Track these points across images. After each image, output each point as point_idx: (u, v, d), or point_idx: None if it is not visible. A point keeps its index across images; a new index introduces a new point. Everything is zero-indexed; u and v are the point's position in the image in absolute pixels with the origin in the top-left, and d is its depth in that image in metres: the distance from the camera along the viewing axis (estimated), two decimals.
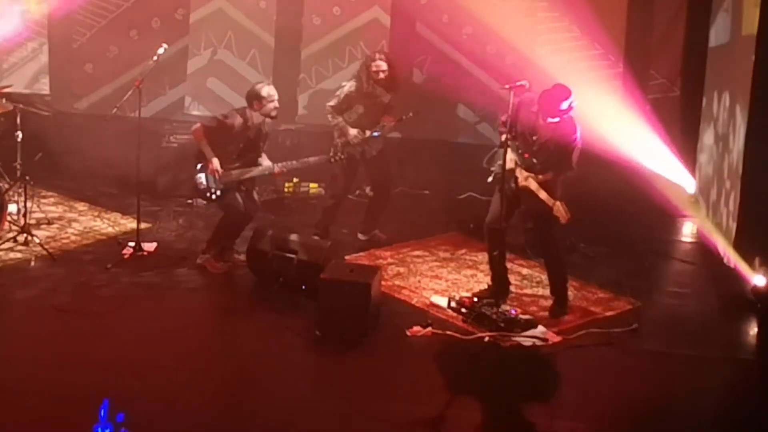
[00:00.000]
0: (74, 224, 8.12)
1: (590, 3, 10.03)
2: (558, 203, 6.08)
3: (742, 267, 7.04)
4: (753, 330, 6.57)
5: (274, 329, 6.05)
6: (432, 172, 9.82)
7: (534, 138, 6.22)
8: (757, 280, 6.72)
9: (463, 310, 6.35)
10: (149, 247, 7.39)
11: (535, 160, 6.22)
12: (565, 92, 6.10)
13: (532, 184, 6.18)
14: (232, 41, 11.18)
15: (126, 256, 7.19)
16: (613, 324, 6.30)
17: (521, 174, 6.24)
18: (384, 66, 7.68)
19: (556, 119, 6.07)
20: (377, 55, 7.77)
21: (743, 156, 7.14)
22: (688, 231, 8.90)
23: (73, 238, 7.75)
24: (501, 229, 6.44)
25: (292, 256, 6.67)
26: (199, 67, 11.29)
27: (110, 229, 8.03)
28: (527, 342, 5.97)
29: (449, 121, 10.78)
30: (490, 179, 6.51)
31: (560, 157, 6.15)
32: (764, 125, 6.96)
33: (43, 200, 8.37)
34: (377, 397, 5.21)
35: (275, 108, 7.11)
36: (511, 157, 6.26)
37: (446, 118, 10.77)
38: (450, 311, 6.43)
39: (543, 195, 6.14)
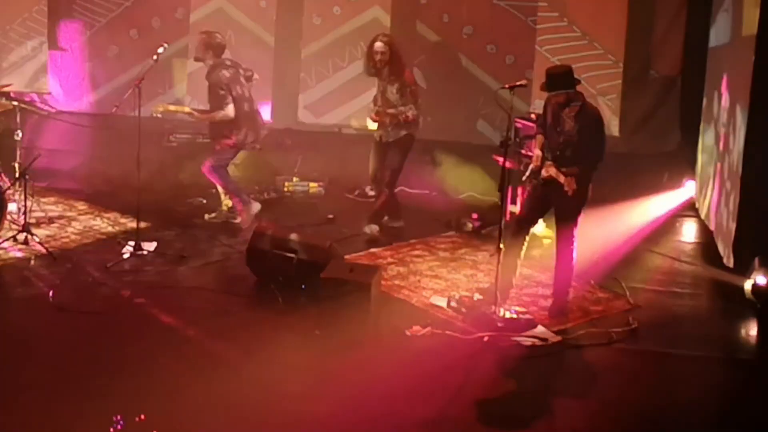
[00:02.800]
0: (74, 223, 8.12)
1: (591, 3, 10.03)
2: (567, 178, 6.15)
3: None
4: (753, 330, 6.55)
5: (274, 329, 6.04)
6: (432, 171, 9.83)
7: (558, 130, 6.27)
8: (757, 279, 6.71)
9: (463, 309, 6.35)
10: (149, 246, 7.39)
11: (560, 152, 6.26)
12: (559, 67, 6.34)
13: (552, 171, 6.22)
14: (231, 41, 11.17)
15: (126, 256, 7.19)
16: (612, 324, 6.29)
17: (546, 166, 6.30)
18: (382, 48, 7.77)
19: (560, 92, 6.17)
20: (379, 37, 7.91)
21: (743, 157, 7.13)
22: (688, 231, 8.91)
23: (72, 237, 7.75)
24: (525, 228, 6.51)
25: (292, 255, 6.66)
26: (200, 67, 11.27)
27: (110, 229, 8.03)
28: (527, 342, 5.97)
29: (449, 121, 10.77)
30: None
31: (586, 147, 6.19)
32: (764, 126, 6.95)
33: (42, 199, 8.37)
34: (377, 397, 5.20)
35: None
36: (538, 154, 6.38)
37: (446, 117, 10.76)
38: (449, 311, 6.43)
39: (561, 178, 6.18)
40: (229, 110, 7.96)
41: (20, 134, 7.76)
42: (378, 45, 7.88)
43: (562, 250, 6.46)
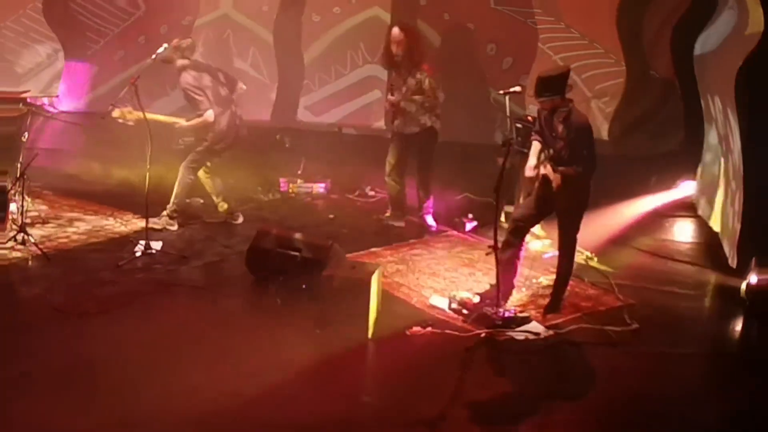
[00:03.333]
0: (73, 223, 8.15)
1: (582, 9, 9.98)
2: (556, 176, 6.14)
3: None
4: (751, 330, 6.54)
5: (275, 327, 6.05)
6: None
7: (554, 135, 6.26)
8: (751, 279, 6.71)
9: (464, 311, 6.32)
10: (155, 245, 7.42)
11: (557, 154, 6.25)
12: (550, 71, 6.26)
13: (548, 168, 6.21)
14: (232, 41, 11.26)
15: (138, 254, 7.23)
16: (604, 319, 6.31)
17: (542, 164, 6.30)
18: (398, 36, 7.77)
19: (546, 99, 6.14)
20: (395, 24, 7.92)
21: (742, 158, 7.12)
22: (688, 232, 8.89)
23: (72, 237, 7.77)
24: (521, 227, 6.51)
25: (296, 253, 6.68)
26: None
27: (115, 228, 8.07)
28: (520, 336, 5.97)
29: (450, 122, 10.76)
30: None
31: (581, 150, 6.16)
32: (758, 129, 6.92)
33: (38, 199, 8.44)
34: (377, 396, 5.23)
35: None
36: (530, 164, 6.37)
37: (447, 118, 10.75)
38: (450, 312, 6.40)
39: (551, 175, 6.17)
40: (209, 115, 7.84)
41: (27, 135, 7.84)
42: (395, 31, 7.81)
43: (563, 254, 6.47)
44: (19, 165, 7.69)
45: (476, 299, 6.43)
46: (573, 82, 6.33)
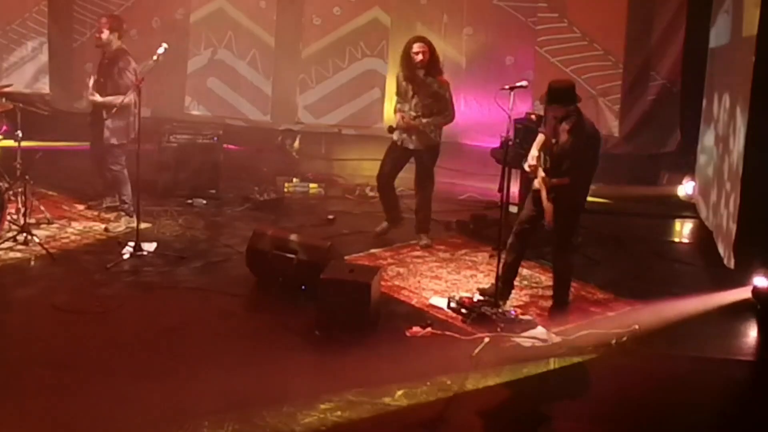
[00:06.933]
0: (74, 224, 8.11)
1: (591, 4, 10.02)
2: (549, 206, 6.12)
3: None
4: (753, 331, 6.56)
5: (274, 329, 6.04)
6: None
7: (554, 141, 6.25)
8: (757, 281, 6.72)
9: (463, 310, 6.34)
10: (149, 247, 7.37)
11: (554, 163, 6.24)
12: (561, 82, 6.30)
13: (543, 190, 6.19)
14: (232, 41, 11.18)
15: (126, 257, 7.18)
16: (612, 325, 6.28)
17: (539, 174, 6.28)
18: (422, 47, 7.70)
19: (558, 107, 6.15)
20: (416, 38, 7.81)
21: (743, 158, 7.13)
22: (688, 232, 8.92)
23: (72, 237, 7.74)
24: (526, 230, 6.49)
25: (292, 256, 6.65)
26: (199, 67, 11.28)
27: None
28: (527, 343, 5.96)
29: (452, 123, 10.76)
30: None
31: (582, 161, 6.16)
32: (765, 127, 6.95)
33: (42, 199, 8.36)
34: (376, 398, 5.19)
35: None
36: (533, 154, 6.33)
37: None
38: (450, 311, 6.42)
39: (543, 195, 6.15)
40: (130, 96, 7.64)
41: (20, 134, 7.74)
42: (417, 45, 7.69)
43: (558, 256, 6.48)
44: (18, 165, 7.60)
45: (477, 297, 6.44)
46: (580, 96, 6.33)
